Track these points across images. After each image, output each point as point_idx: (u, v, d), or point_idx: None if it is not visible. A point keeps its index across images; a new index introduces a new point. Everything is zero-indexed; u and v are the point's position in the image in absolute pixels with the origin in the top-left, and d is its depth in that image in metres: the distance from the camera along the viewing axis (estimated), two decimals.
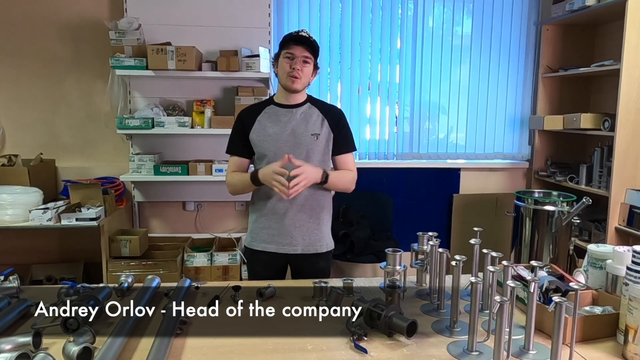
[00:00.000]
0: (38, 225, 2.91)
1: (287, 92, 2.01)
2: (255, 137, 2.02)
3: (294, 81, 1.96)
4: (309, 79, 2.01)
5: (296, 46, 1.93)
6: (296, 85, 1.97)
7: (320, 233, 2.07)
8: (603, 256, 1.66)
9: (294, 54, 1.94)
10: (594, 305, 1.55)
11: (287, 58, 1.95)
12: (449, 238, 3.94)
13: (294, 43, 1.93)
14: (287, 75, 1.96)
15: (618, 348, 1.37)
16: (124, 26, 3.19)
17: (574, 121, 3.30)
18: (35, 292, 1.76)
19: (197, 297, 1.72)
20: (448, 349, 1.35)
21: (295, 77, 1.94)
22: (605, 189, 3.14)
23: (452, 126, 3.90)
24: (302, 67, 1.94)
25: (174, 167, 3.31)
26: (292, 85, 1.97)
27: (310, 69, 1.98)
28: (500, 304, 1.18)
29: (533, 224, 3.15)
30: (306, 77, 1.98)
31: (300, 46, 1.93)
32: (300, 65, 1.94)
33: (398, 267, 1.60)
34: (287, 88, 1.99)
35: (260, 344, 1.38)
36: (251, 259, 2.14)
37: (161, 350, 1.25)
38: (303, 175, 1.83)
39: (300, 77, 1.95)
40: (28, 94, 3.46)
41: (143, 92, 3.47)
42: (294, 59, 1.94)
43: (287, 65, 1.95)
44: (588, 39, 3.68)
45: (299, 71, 1.94)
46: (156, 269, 3.11)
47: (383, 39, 3.72)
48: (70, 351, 1.23)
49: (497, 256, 1.53)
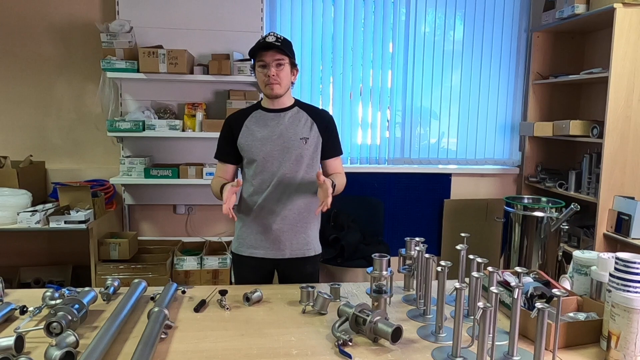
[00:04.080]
0: (26, 227, 2.89)
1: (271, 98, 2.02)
2: (244, 142, 2.02)
3: (273, 87, 1.95)
4: (288, 80, 1.99)
5: (265, 52, 1.91)
6: (276, 90, 1.96)
7: (307, 237, 2.07)
8: (588, 262, 1.67)
9: (265, 60, 1.92)
10: (578, 311, 1.56)
11: (261, 67, 1.94)
12: (439, 243, 3.95)
13: (263, 50, 1.91)
14: (265, 84, 1.95)
15: (601, 354, 1.38)
16: (115, 28, 3.18)
17: (563, 128, 3.32)
18: (20, 295, 1.75)
19: (184, 301, 1.72)
20: (432, 355, 1.36)
21: (272, 83, 1.94)
22: (593, 196, 3.17)
23: (443, 132, 3.92)
24: (277, 71, 1.93)
25: (165, 170, 3.30)
26: (273, 92, 1.96)
27: (287, 70, 1.96)
28: (482, 310, 1.18)
29: (522, 229, 3.16)
30: (285, 80, 1.97)
31: (270, 51, 1.91)
32: (274, 70, 1.92)
33: (384, 273, 1.60)
34: (269, 96, 1.99)
35: (245, 348, 1.38)
36: (238, 264, 2.13)
37: (144, 355, 1.24)
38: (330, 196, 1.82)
39: (278, 82, 1.94)
40: (18, 95, 3.45)
41: (134, 95, 3.46)
42: (267, 66, 1.92)
43: (262, 74, 1.94)
44: (578, 47, 3.72)
45: (274, 77, 1.93)
46: (145, 272, 3.10)
47: (375, 43, 3.73)
48: (52, 355, 1.22)
49: (483, 262, 1.53)
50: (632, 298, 1.27)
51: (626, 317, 1.28)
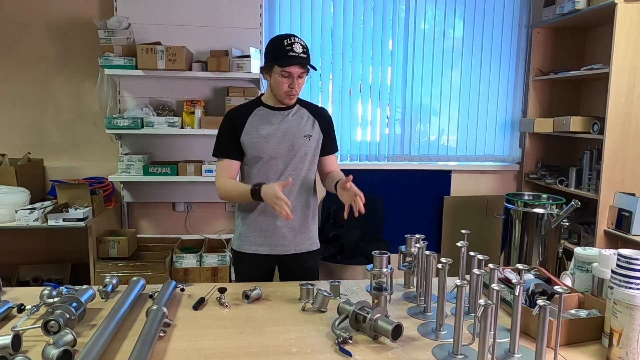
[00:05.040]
0: (24, 225, 2.88)
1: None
2: (248, 140, 1.99)
3: (293, 98, 1.96)
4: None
5: (293, 65, 1.86)
6: (293, 101, 1.97)
7: (309, 232, 2.08)
8: (589, 259, 1.66)
9: (292, 72, 1.88)
10: (580, 308, 1.55)
11: (284, 77, 1.89)
12: (439, 240, 3.94)
13: (291, 62, 1.85)
14: (286, 94, 1.93)
15: (603, 351, 1.37)
16: (113, 25, 3.16)
17: (563, 124, 3.31)
18: (18, 293, 1.74)
19: (183, 299, 1.71)
20: (433, 352, 1.35)
21: (294, 95, 1.94)
22: (594, 192, 3.16)
23: (443, 128, 3.90)
24: (298, 83, 1.92)
25: (164, 167, 3.29)
26: (291, 102, 1.97)
27: (304, 79, 1.96)
28: (484, 307, 1.17)
29: (523, 226, 3.15)
30: (301, 88, 1.97)
31: (298, 65, 1.87)
32: (297, 83, 1.91)
33: (385, 270, 1.59)
34: (283, 103, 1.98)
35: (244, 346, 1.37)
36: (240, 262, 2.11)
37: (143, 353, 1.23)
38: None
39: (298, 93, 1.95)
40: (16, 92, 3.43)
41: (133, 92, 3.45)
42: (291, 76, 1.89)
43: (284, 85, 1.90)
44: (578, 42, 3.71)
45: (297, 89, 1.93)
46: (144, 270, 3.09)
47: (375, 40, 3.72)
48: (50, 354, 1.21)
49: (484, 259, 1.52)
50: (634, 295, 1.26)
51: (628, 314, 1.27)
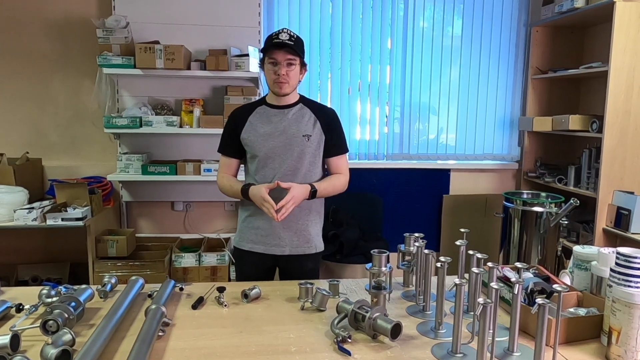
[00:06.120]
0: (23, 225, 2.88)
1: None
2: (246, 137, 2.01)
3: (282, 86, 1.94)
4: (297, 79, 1.99)
5: (278, 51, 1.89)
6: (284, 89, 1.96)
7: (308, 235, 2.06)
8: (588, 257, 1.66)
9: (277, 59, 1.90)
10: (578, 306, 1.55)
11: (271, 64, 1.92)
12: (438, 239, 3.94)
13: (275, 48, 1.89)
14: (274, 82, 1.94)
15: (602, 350, 1.37)
16: (111, 24, 3.16)
17: (562, 122, 3.31)
18: (17, 293, 1.74)
19: (182, 299, 1.70)
20: (432, 351, 1.35)
21: (281, 82, 1.93)
22: (593, 191, 3.16)
23: (442, 127, 3.90)
24: (287, 71, 1.92)
25: (162, 166, 3.28)
26: (280, 90, 1.96)
27: (296, 69, 1.96)
28: (483, 306, 1.17)
29: (521, 225, 3.15)
30: (294, 79, 1.96)
31: (282, 50, 1.89)
32: (284, 69, 1.91)
33: (383, 269, 1.58)
34: (276, 94, 1.99)
35: (243, 345, 1.37)
36: (239, 259, 2.13)
37: (142, 353, 1.23)
38: (292, 201, 1.84)
39: (287, 81, 1.94)
40: (14, 92, 3.42)
41: (131, 91, 3.44)
42: (278, 64, 1.91)
43: (271, 72, 1.93)
44: (577, 41, 3.70)
45: (284, 76, 1.92)
46: (143, 269, 3.09)
47: (373, 39, 3.71)
48: (48, 354, 1.20)
49: (483, 257, 1.52)
50: (633, 293, 1.26)
51: (627, 313, 1.27)
